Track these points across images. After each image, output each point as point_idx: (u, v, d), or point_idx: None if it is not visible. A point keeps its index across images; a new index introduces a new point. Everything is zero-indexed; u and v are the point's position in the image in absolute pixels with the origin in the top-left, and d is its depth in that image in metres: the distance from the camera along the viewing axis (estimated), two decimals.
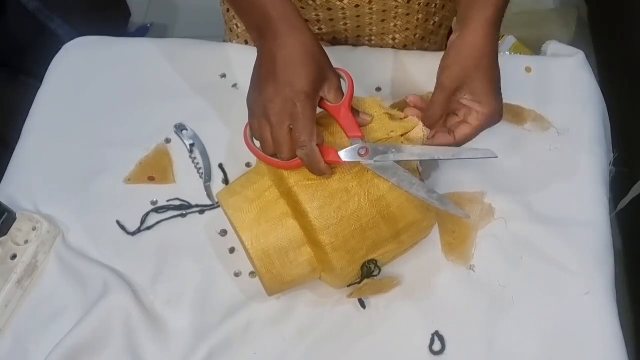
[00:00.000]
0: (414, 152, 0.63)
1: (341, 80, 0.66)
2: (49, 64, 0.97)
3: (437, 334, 0.72)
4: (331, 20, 0.89)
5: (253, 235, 0.66)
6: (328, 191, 0.64)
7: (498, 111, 0.65)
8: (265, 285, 0.69)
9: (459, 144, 0.67)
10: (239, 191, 0.69)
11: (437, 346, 0.71)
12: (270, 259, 0.67)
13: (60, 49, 0.98)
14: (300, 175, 0.64)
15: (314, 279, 0.71)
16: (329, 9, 0.86)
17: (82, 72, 0.95)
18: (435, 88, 0.65)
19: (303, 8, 0.87)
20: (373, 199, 0.64)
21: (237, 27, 0.98)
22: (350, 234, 0.65)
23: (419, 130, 0.67)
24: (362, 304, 0.73)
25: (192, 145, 0.87)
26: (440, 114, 0.66)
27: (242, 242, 0.68)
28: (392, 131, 0.67)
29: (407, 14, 0.90)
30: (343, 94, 0.64)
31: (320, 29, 0.91)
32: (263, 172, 0.69)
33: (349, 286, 0.71)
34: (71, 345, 0.71)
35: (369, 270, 0.68)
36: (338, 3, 0.85)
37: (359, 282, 0.69)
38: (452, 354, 0.71)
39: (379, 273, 0.70)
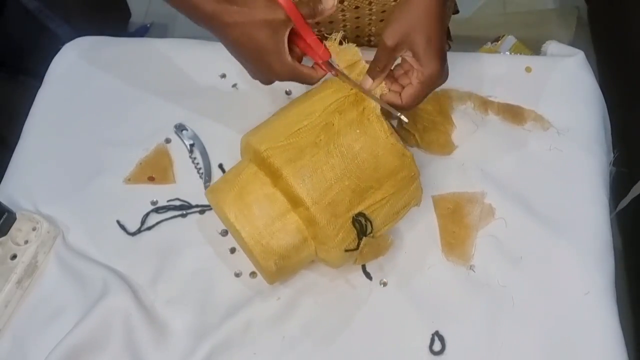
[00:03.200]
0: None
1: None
2: (48, 64, 0.97)
3: (437, 334, 0.72)
4: (331, 22, 0.89)
5: (237, 210, 0.67)
6: (297, 148, 0.65)
7: (438, 72, 0.66)
8: (260, 262, 0.68)
9: (407, 105, 0.68)
10: (219, 180, 0.72)
11: (437, 346, 0.71)
12: (257, 229, 0.67)
13: (60, 48, 0.98)
14: (271, 141, 0.66)
15: (309, 255, 0.70)
16: None
17: (82, 72, 0.95)
18: (378, 43, 0.67)
19: None
20: (342, 149, 0.65)
21: None
22: (328, 185, 0.65)
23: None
24: (368, 276, 0.73)
25: (192, 145, 0.87)
26: (382, 68, 0.67)
27: (230, 222, 0.68)
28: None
29: None
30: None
31: (319, 30, 0.91)
32: (243, 161, 0.71)
33: (346, 251, 0.69)
34: (71, 345, 0.71)
35: (361, 225, 0.67)
36: (338, 5, 0.85)
37: (357, 248, 0.68)
38: (452, 354, 0.71)
39: (372, 230, 0.68)
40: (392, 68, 0.69)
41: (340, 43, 0.70)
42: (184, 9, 0.68)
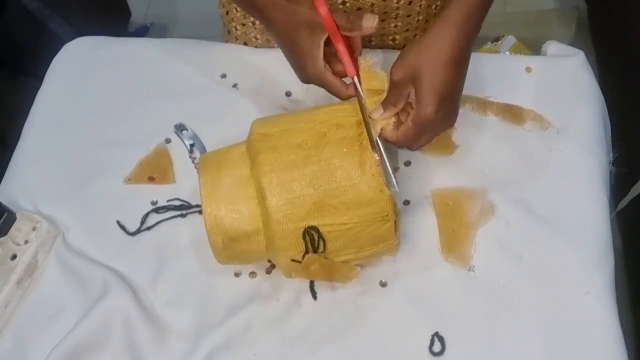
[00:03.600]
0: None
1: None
2: (49, 64, 0.97)
3: (437, 334, 0.71)
4: None
5: (210, 177, 0.69)
6: (283, 142, 0.68)
7: (432, 116, 0.64)
8: (209, 235, 0.68)
9: (399, 142, 0.68)
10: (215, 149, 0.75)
11: (437, 347, 0.71)
12: (217, 201, 0.68)
13: (60, 48, 0.98)
14: (266, 128, 0.69)
15: (259, 250, 0.69)
16: None
17: (82, 72, 0.95)
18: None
19: None
20: (321, 159, 0.66)
21: (236, 29, 0.98)
22: (292, 186, 0.65)
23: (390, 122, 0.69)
24: (314, 295, 0.73)
25: (192, 145, 0.87)
26: (392, 102, 0.67)
27: (200, 185, 0.70)
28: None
29: (408, 15, 0.90)
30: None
31: None
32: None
33: (292, 261, 0.68)
34: (71, 345, 0.71)
35: (312, 239, 0.65)
36: (340, 7, 0.85)
37: (301, 261, 0.67)
38: (452, 354, 0.70)
39: (324, 250, 0.67)
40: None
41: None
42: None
